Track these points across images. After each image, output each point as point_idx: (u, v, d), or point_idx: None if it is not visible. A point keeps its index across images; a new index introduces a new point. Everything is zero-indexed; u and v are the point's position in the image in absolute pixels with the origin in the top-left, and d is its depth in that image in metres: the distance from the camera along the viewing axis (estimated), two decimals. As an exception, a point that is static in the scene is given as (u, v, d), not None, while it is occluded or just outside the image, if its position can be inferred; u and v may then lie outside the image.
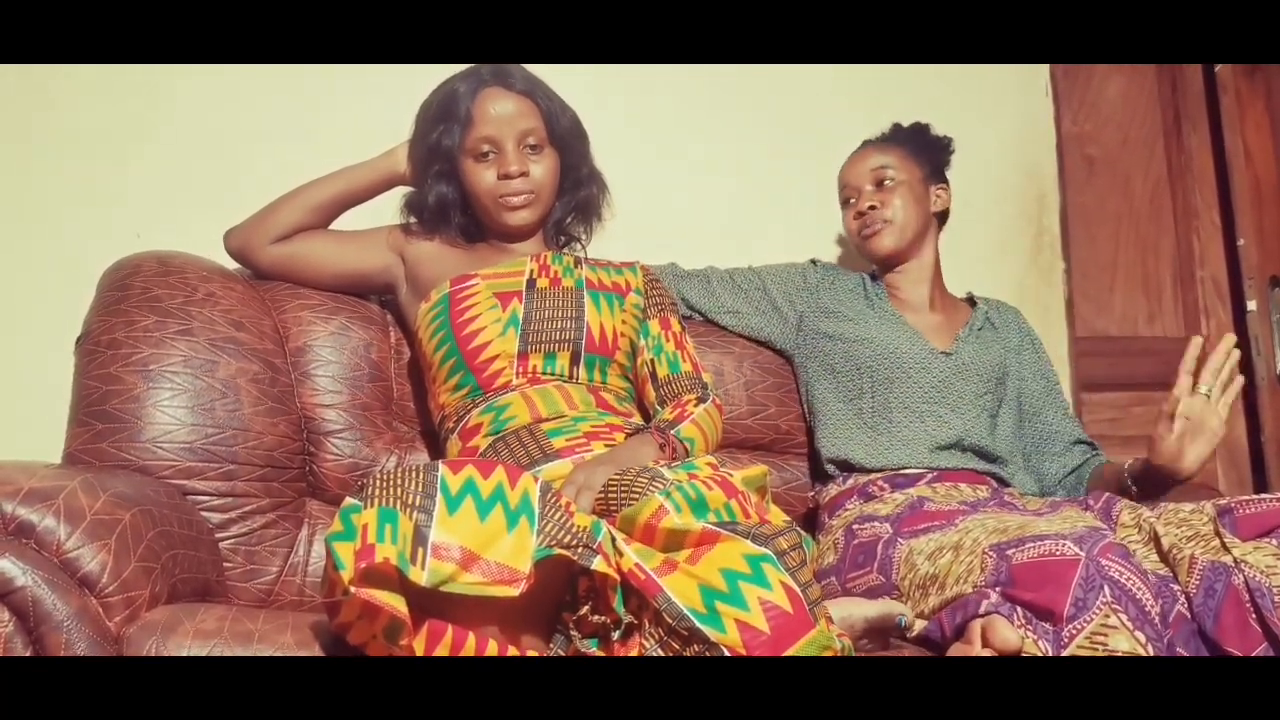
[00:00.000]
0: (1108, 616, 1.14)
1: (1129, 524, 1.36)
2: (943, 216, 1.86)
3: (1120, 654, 1.12)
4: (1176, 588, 1.22)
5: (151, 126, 1.88)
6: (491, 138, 1.56)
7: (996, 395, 1.75)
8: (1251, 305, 2.28)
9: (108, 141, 1.86)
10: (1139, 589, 1.16)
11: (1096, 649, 1.13)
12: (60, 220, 1.82)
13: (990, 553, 1.27)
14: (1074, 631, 1.14)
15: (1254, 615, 1.17)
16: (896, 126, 1.88)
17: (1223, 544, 1.23)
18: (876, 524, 1.52)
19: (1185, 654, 1.18)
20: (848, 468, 1.70)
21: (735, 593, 0.98)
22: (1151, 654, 1.12)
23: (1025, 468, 1.78)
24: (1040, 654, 1.15)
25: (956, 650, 1.25)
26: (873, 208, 1.78)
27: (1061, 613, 1.16)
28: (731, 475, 1.13)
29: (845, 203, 1.84)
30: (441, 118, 1.58)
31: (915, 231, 1.79)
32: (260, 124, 1.92)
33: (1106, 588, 1.15)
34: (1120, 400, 2.32)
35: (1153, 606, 1.16)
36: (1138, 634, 1.13)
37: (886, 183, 1.78)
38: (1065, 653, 1.14)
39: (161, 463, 1.42)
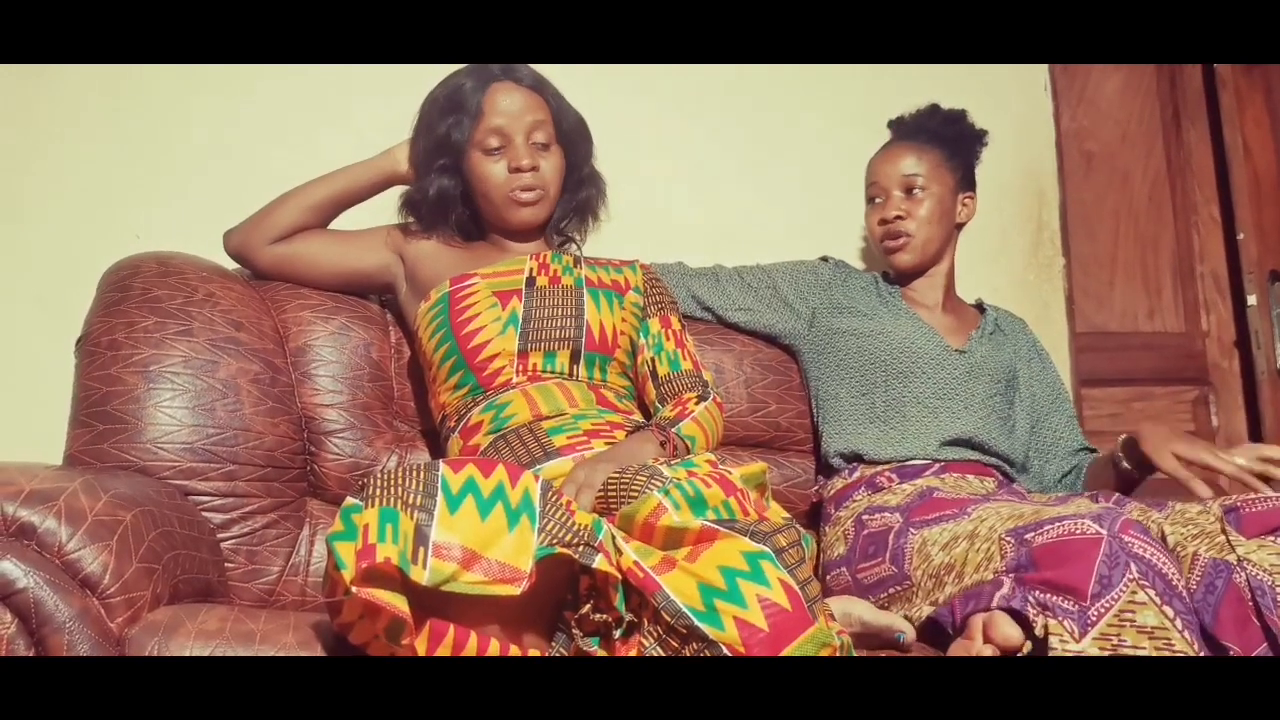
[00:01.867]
0: (1135, 593, 1.14)
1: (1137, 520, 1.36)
2: (963, 224, 1.85)
3: (1149, 629, 1.13)
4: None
5: (151, 127, 1.88)
6: (501, 130, 1.56)
7: (1006, 397, 1.76)
8: (1251, 300, 2.27)
9: (108, 142, 1.86)
10: (1163, 563, 1.17)
11: (1125, 625, 1.13)
12: (60, 221, 1.83)
13: (1008, 538, 1.27)
14: (1102, 610, 1.14)
15: (1255, 613, 1.17)
16: (932, 111, 1.84)
17: (1228, 541, 1.23)
18: (887, 514, 1.52)
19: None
20: (856, 459, 1.70)
21: (734, 590, 0.98)
22: (1180, 627, 1.13)
23: (1029, 472, 1.79)
24: (1065, 634, 1.15)
25: (957, 647, 1.25)
26: (899, 217, 1.75)
27: (1085, 589, 1.15)
28: (730, 472, 1.13)
29: (870, 200, 1.81)
30: (450, 111, 1.58)
31: (938, 247, 1.79)
32: (260, 124, 1.92)
33: (1133, 564, 1.15)
34: (1120, 395, 2.32)
35: (1179, 580, 1.16)
36: (1166, 608, 1.14)
37: (916, 192, 1.75)
38: (1093, 631, 1.14)
39: (162, 463, 1.42)
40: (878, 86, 2.14)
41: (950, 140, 1.81)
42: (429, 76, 1.67)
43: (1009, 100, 2.27)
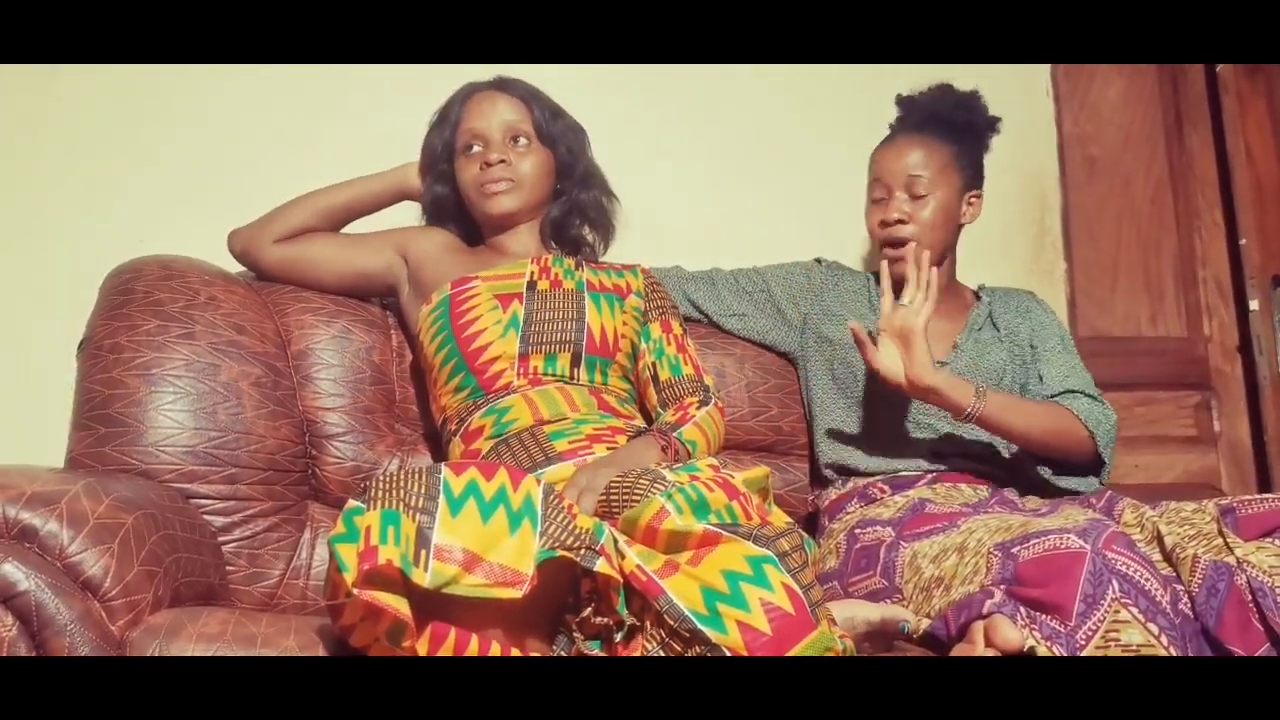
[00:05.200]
0: (1118, 612, 1.14)
1: (1132, 523, 1.36)
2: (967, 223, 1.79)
3: (1134, 647, 1.12)
4: (1180, 587, 1.22)
5: (154, 129, 1.88)
6: (476, 131, 1.60)
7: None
8: (1254, 305, 2.27)
9: (110, 144, 1.86)
10: (1147, 579, 1.16)
11: (1110, 646, 1.13)
12: (63, 224, 1.83)
13: (996, 552, 1.27)
14: (1089, 633, 1.14)
15: (1256, 615, 1.17)
16: (944, 92, 1.75)
17: (1226, 543, 1.23)
18: (879, 528, 1.51)
19: (1190, 652, 1.18)
20: (846, 472, 1.70)
21: (737, 594, 0.98)
22: (1165, 643, 1.13)
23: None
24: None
25: (959, 651, 1.25)
26: (900, 221, 1.68)
27: (1070, 608, 1.15)
28: (733, 477, 1.13)
29: (873, 196, 1.74)
30: (440, 123, 1.65)
31: (939, 252, 1.71)
32: (263, 127, 1.92)
33: (1115, 582, 1.15)
34: (1123, 400, 2.31)
35: (1162, 596, 1.16)
36: (1150, 625, 1.13)
37: (920, 193, 1.68)
38: (1081, 655, 1.14)
39: (164, 466, 1.42)
40: (878, 87, 2.12)
41: (961, 130, 1.74)
42: (430, 77, 1.67)
43: (1011, 104, 2.25)
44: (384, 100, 1.91)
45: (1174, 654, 1.13)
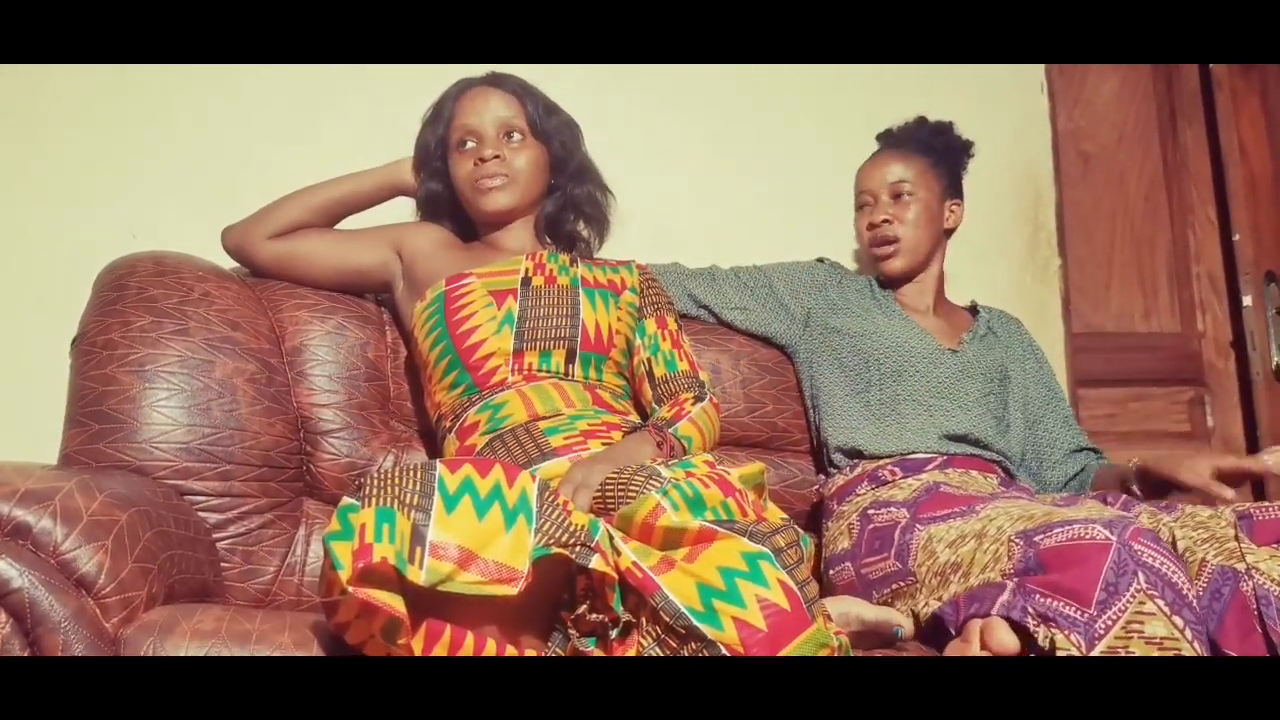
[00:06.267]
0: (1143, 603, 1.13)
1: (1148, 527, 1.36)
2: (951, 230, 1.88)
3: (1157, 639, 1.12)
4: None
5: (148, 126, 1.88)
6: (470, 127, 1.59)
7: (1000, 397, 1.77)
8: (1247, 300, 2.28)
9: (104, 141, 1.85)
10: (1174, 573, 1.15)
11: (1132, 637, 1.12)
12: (57, 221, 1.82)
13: (1017, 540, 1.26)
14: (1109, 623, 1.13)
15: (1259, 623, 1.16)
16: (920, 122, 1.87)
17: (1240, 549, 1.22)
18: (894, 509, 1.52)
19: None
20: (856, 455, 1.70)
21: (733, 590, 0.98)
22: (1189, 637, 1.12)
23: (1028, 473, 1.79)
24: (1072, 648, 1.13)
25: (953, 649, 1.25)
26: (886, 221, 1.78)
27: (1090, 595, 1.14)
28: (729, 473, 1.13)
29: (860, 206, 1.84)
30: (433, 120, 1.64)
31: (926, 251, 1.81)
32: (257, 124, 1.92)
33: (1140, 574, 1.14)
34: (1117, 396, 2.32)
35: (1189, 589, 1.15)
36: (1175, 618, 1.12)
37: (904, 197, 1.79)
38: (1100, 644, 1.12)
39: (158, 463, 1.42)
40: (875, 86, 2.14)
41: (937, 150, 1.84)
42: (426, 76, 1.67)
43: (1006, 101, 2.27)
44: (379, 98, 1.91)
45: (1198, 648, 1.12)
